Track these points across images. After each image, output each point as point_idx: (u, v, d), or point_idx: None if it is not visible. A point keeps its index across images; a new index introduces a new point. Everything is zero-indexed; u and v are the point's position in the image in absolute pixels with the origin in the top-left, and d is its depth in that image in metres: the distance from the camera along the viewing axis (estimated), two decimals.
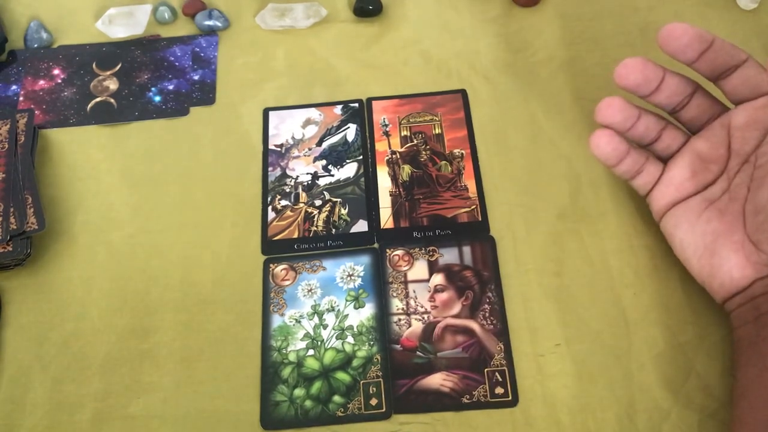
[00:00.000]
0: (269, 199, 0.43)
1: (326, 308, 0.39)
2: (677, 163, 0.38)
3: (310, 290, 0.40)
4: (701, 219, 0.36)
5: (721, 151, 0.36)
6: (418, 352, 0.38)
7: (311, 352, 0.38)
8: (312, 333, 0.39)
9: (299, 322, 0.39)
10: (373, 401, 0.36)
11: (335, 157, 0.45)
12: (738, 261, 0.34)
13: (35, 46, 0.50)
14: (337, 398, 0.37)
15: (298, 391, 0.37)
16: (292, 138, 0.46)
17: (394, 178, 0.44)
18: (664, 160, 0.39)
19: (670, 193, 0.38)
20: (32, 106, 0.48)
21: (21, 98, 0.48)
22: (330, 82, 0.48)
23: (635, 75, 0.37)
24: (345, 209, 0.43)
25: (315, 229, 0.42)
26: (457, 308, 0.39)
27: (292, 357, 0.38)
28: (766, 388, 0.31)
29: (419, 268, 0.40)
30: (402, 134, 0.45)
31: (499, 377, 0.37)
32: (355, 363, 0.38)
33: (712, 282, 0.35)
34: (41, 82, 0.49)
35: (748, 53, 0.36)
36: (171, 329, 0.39)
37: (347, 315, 0.39)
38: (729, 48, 0.35)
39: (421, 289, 0.40)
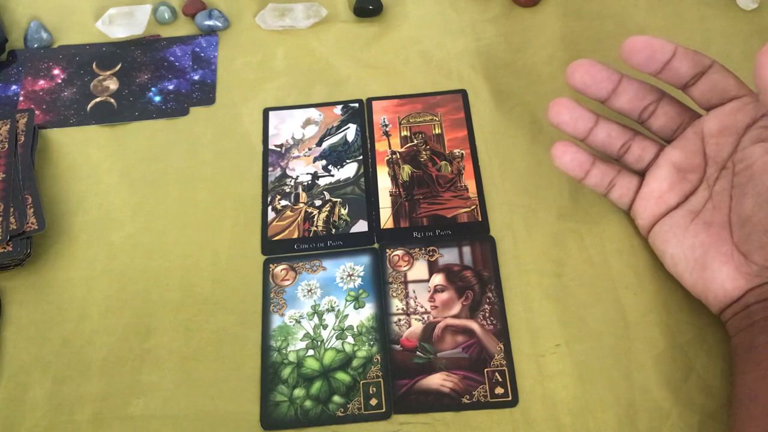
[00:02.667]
0: (269, 199, 0.43)
1: (326, 308, 0.39)
2: (654, 175, 0.37)
3: (310, 290, 0.40)
4: (688, 232, 0.36)
5: (697, 160, 0.36)
6: (418, 352, 0.38)
7: (311, 352, 0.38)
8: (312, 333, 0.39)
9: (299, 322, 0.39)
10: (373, 401, 0.36)
11: (335, 157, 0.45)
12: (729, 273, 0.34)
13: (35, 46, 0.50)
14: (337, 398, 0.37)
15: (298, 392, 0.37)
16: (292, 138, 0.46)
17: (394, 178, 0.44)
18: (641, 173, 0.39)
19: (651, 207, 0.37)
20: (32, 106, 0.48)
21: (21, 98, 0.48)
22: (330, 82, 0.48)
23: (581, 74, 0.37)
24: (345, 209, 0.43)
25: (315, 229, 0.42)
26: (457, 308, 0.39)
27: (292, 357, 0.38)
28: (763, 395, 0.31)
29: (419, 268, 0.40)
30: (402, 134, 0.45)
31: (499, 377, 0.37)
32: (355, 363, 0.38)
33: (707, 295, 0.35)
34: (41, 82, 0.49)
35: (713, 59, 0.35)
36: (171, 329, 0.39)
37: (347, 315, 0.39)
38: (693, 55, 0.35)
39: (421, 289, 0.40)
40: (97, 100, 0.48)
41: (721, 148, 0.35)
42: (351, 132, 0.46)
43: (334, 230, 0.42)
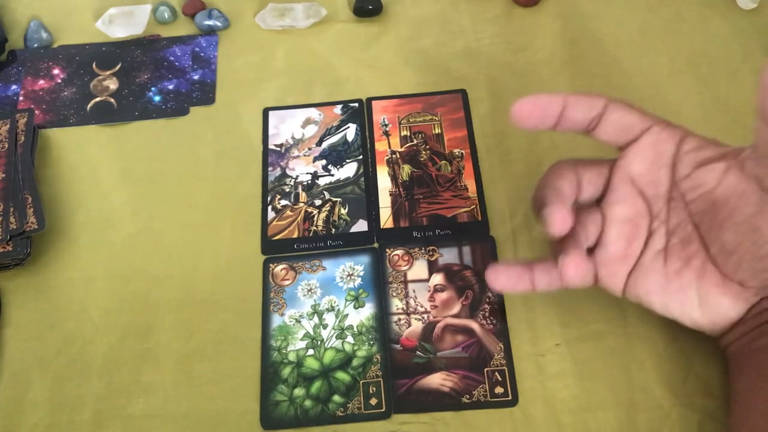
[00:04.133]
0: (269, 198, 0.43)
1: (326, 308, 0.39)
2: (608, 239, 0.34)
3: (310, 290, 0.40)
4: (669, 275, 0.34)
5: (638, 206, 0.34)
6: (417, 352, 0.38)
7: (311, 351, 0.38)
8: (312, 333, 0.39)
9: (299, 321, 0.39)
10: (373, 401, 0.36)
11: (335, 156, 0.45)
12: (729, 303, 0.33)
13: (35, 45, 0.50)
14: (336, 398, 0.37)
15: (298, 391, 0.37)
16: (292, 138, 0.46)
17: (394, 177, 0.44)
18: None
19: (619, 269, 0.34)
20: (32, 106, 0.48)
21: (21, 98, 0.48)
22: (330, 82, 0.48)
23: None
24: (345, 209, 0.43)
25: (315, 228, 0.42)
26: (456, 308, 0.39)
27: (292, 357, 0.38)
28: (762, 397, 0.31)
29: (419, 268, 0.40)
30: (402, 134, 0.45)
31: (498, 377, 0.37)
32: (355, 363, 0.38)
33: (713, 327, 0.34)
34: (41, 81, 0.49)
35: (606, 98, 0.33)
36: (171, 329, 0.39)
37: (347, 315, 0.39)
38: (584, 100, 0.33)
39: (421, 288, 0.40)
40: (97, 99, 0.48)
41: (657, 184, 0.34)
42: (351, 132, 0.46)
43: (334, 230, 0.42)
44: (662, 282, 0.34)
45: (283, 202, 0.43)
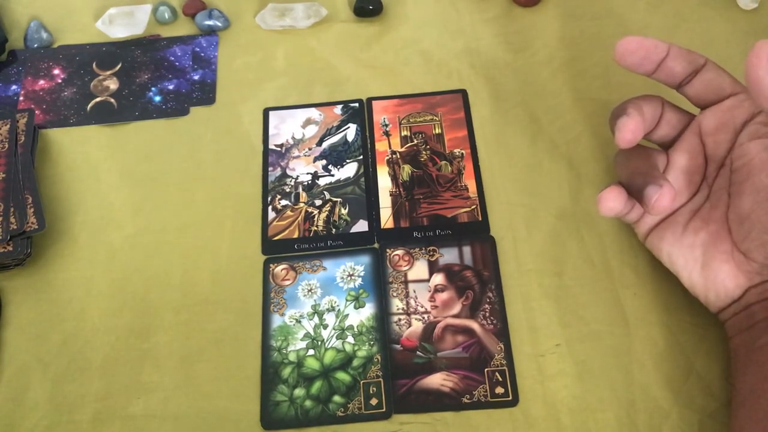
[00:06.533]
0: (269, 198, 0.43)
1: (326, 308, 0.39)
2: None
3: (310, 290, 0.40)
4: (688, 230, 0.36)
5: (699, 160, 0.36)
6: (418, 352, 0.38)
7: (311, 352, 0.38)
8: (312, 333, 0.39)
9: (299, 322, 0.39)
10: (374, 401, 0.36)
11: (335, 156, 0.45)
12: (730, 271, 0.34)
13: (35, 46, 0.50)
14: (337, 398, 0.37)
15: (298, 391, 0.37)
16: (293, 138, 0.46)
17: (394, 178, 0.44)
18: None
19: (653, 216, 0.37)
20: (32, 106, 0.48)
21: (21, 98, 0.48)
22: (330, 82, 0.48)
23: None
24: (345, 209, 0.43)
25: (315, 229, 0.42)
26: (457, 308, 0.39)
27: (292, 357, 0.38)
28: (765, 397, 0.31)
29: (419, 268, 0.40)
30: (402, 134, 0.45)
31: (499, 377, 0.37)
32: (356, 363, 0.38)
33: (707, 293, 0.35)
34: (41, 82, 0.49)
35: (706, 57, 0.35)
36: (171, 329, 0.39)
37: (347, 315, 0.39)
38: (686, 54, 0.35)
39: (422, 288, 0.40)
40: (97, 99, 0.48)
41: (718, 146, 0.35)
42: (351, 132, 0.46)
43: (334, 230, 0.42)
44: (678, 234, 0.36)
45: (284, 202, 0.43)
